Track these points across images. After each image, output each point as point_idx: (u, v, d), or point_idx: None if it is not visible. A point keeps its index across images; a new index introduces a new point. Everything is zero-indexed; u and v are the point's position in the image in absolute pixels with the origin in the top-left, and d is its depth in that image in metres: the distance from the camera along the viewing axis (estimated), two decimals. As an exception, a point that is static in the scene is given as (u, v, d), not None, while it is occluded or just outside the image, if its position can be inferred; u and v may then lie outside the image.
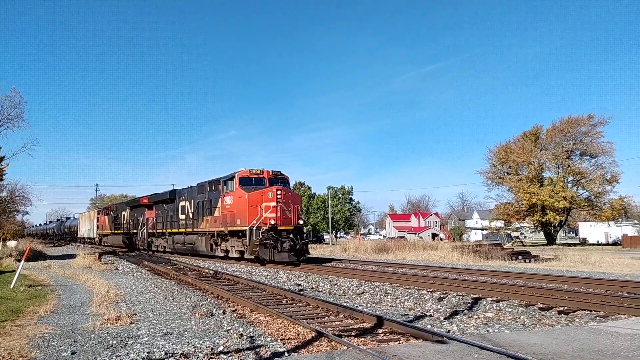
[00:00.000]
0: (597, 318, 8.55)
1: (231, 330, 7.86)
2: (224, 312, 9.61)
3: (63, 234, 68.96)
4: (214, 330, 7.93)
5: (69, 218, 77.47)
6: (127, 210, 38.54)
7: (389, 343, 6.65)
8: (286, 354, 6.29)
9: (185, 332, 7.82)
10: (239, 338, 7.28)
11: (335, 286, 13.75)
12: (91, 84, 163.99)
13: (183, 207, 28.03)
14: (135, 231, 35.62)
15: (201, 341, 7.11)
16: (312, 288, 13.57)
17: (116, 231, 40.44)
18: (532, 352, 5.39)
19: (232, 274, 17.29)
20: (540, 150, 61.94)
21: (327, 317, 8.95)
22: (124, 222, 38.99)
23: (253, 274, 17.95)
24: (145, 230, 33.40)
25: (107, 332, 7.85)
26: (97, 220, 47.97)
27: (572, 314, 9.04)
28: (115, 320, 8.70)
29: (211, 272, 18.16)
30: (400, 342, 6.74)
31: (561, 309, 9.39)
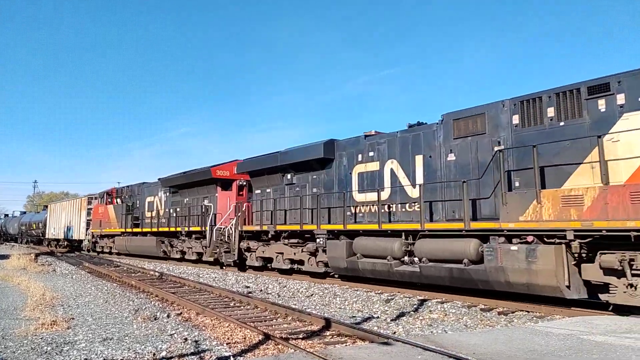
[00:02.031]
0: (534, 318, 8.93)
1: (175, 335, 7.66)
2: (168, 316, 9.35)
3: (17, 233, 52.98)
4: (157, 335, 7.69)
5: (27, 212, 60.22)
6: (164, 192, 24.72)
7: (336, 345, 6.67)
8: (232, 358, 6.19)
9: (126, 337, 7.54)
10: (184, 342, 7.09)
11: (285, 288, 13.69)
12: (29, 74, 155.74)
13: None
14: (194, 228, 20.98)
15: (143, 346, 6.88)
16: (261, 290, 13.45)
17: (143, 229, 25.48)
18: (472, 352, 5.55)
19: (179, 276, 16.89)
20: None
21: (275, 320, 8.88)
22: (160, 213, 24.54)
23: (200, 276, 17.59)
24: (231, 227, 18.31)
25: (41, 338, 7.46)
26: (90, 213, 32.91)
27: (511, 314, 9.39)
28: (51, 325, 8.27)
29: (157, 274, 17.66)
30: (347, 344, 6.79)
31: (501, 309, 9.75)
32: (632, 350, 5.58)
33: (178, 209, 22.91)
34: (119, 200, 29.55)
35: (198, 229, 20.71)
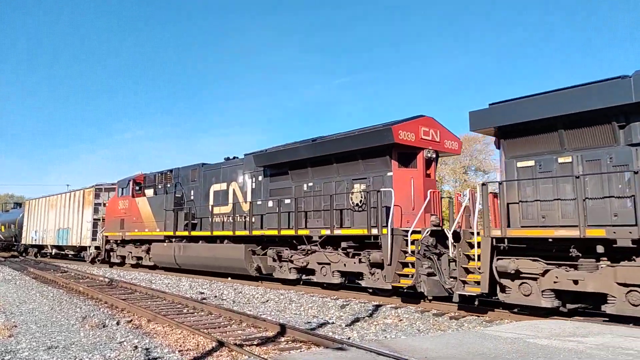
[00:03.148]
0: (484, 323, 9.20)
1: (125, 342, 7.42)
2: (118, 323, 9.06)
3: None
4: (106, 343, 7.44)
5: None
6: (252, 176, 16.33)
7: (291, 351, 6.65)
8: (184, 366, 6.06)
9: (73, 345, 7.26)
10: (133, 350, 6.89)
11: (240, 294, 13.53)
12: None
13: None
14: (348, 231, 12.49)
15: (90, 355, 6.64)
16: (216, 296, 13.24)
17: (213, 233, 16.84)
18: (424, 357, 5.67)
19: (130, 282, 16.40)
20: (440, 165, 65.81)
21: (229, 326, 8.76)
22: (243, 206, 16.17)
23: (153, 282, 17.14)
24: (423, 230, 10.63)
25: (-21, 347, 7.06)
26: (100, 210, 25.06)
27: (462, 319, 9.64)
28: (-9, 333, 7.85)
29: (106, 279, 17.08)
30: (302, 350, 6.78)
31: (453, 314, 9.99)
32: (574, 353, 5.83)
33: (288, 201, 14.29)
34: (152, 190, 20.64)
35: (356, 232, 12.15)
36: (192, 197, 18.81)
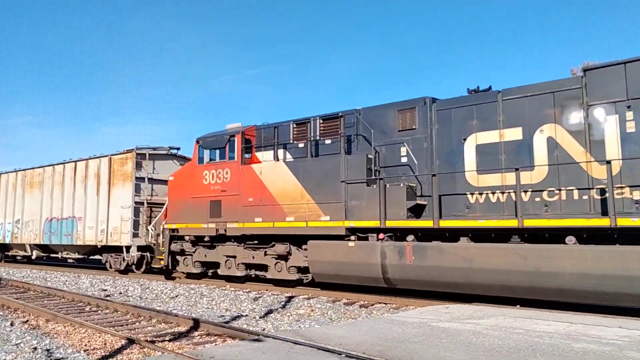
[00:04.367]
0: (391, 310, 9.71)
1: (22, 344, 6.88)
2: (12, 324, 8.35)
3: None
4: (0, 346, 6.84)
5: None
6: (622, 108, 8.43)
7: (206, 345, 6.58)
8: (91, 365, 5.77)
9: (-40, 351, 6.59)
10: (33, 352, 6.42)
11: (147, 290, 13.03)
12: None
13: None
14: None
15: (-18, 359, 6.08)
16: (121, 293, 12.63)
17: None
18: (339, 344, 5.89)
19: (22, 280, 15.13)
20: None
21: (138, 323, 8.44)
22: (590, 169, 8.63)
23: (48, 279, 15.95)
24: None
25: None
26: (145, 189, 16.67)
27: (371, 307, 10.10)
28: None
29: (-6, 278, 15.60)
30: (217, 343, 6.73)
31: (362, 303, 10.43)
32: (473, 334, 6.39)
33: None
34: (271, 152, 12.58)
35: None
36: (401, 160, 10.93)
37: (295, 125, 12.36)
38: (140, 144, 16.97)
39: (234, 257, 13.00)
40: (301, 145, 12.21)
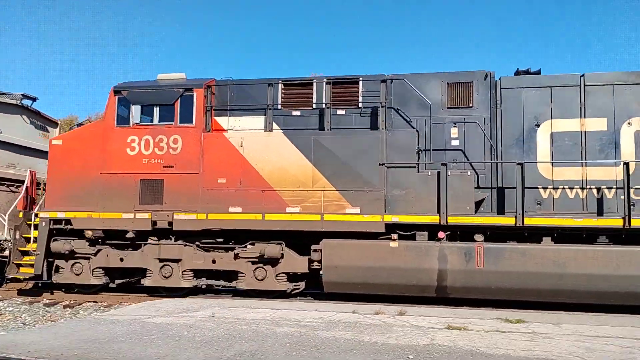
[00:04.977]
0: (101, 308, 8.90)
1: None
2: None
3: None
4: None
5: None
6: None
7: None
8: None
9: None
10: None
11: None
12: None
13: None
14: None
15: None
16: None
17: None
18: (27, 351, 5.04)
19: None
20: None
21: None
22: None
23: None
24: None
25: None
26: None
27: (77, 307, 9.06)
28: None
29: None
30: None
31: (67, 303, 9.27)
32: (185, 327, 6.29)
33: None
34: (251, 119, 9.39)
35: None
36: (452, 143, 8.97)
37: (284, 86, 9.41)
38: None
39: (177, 261, 9.20)
40: (297, 113, 9.29)
